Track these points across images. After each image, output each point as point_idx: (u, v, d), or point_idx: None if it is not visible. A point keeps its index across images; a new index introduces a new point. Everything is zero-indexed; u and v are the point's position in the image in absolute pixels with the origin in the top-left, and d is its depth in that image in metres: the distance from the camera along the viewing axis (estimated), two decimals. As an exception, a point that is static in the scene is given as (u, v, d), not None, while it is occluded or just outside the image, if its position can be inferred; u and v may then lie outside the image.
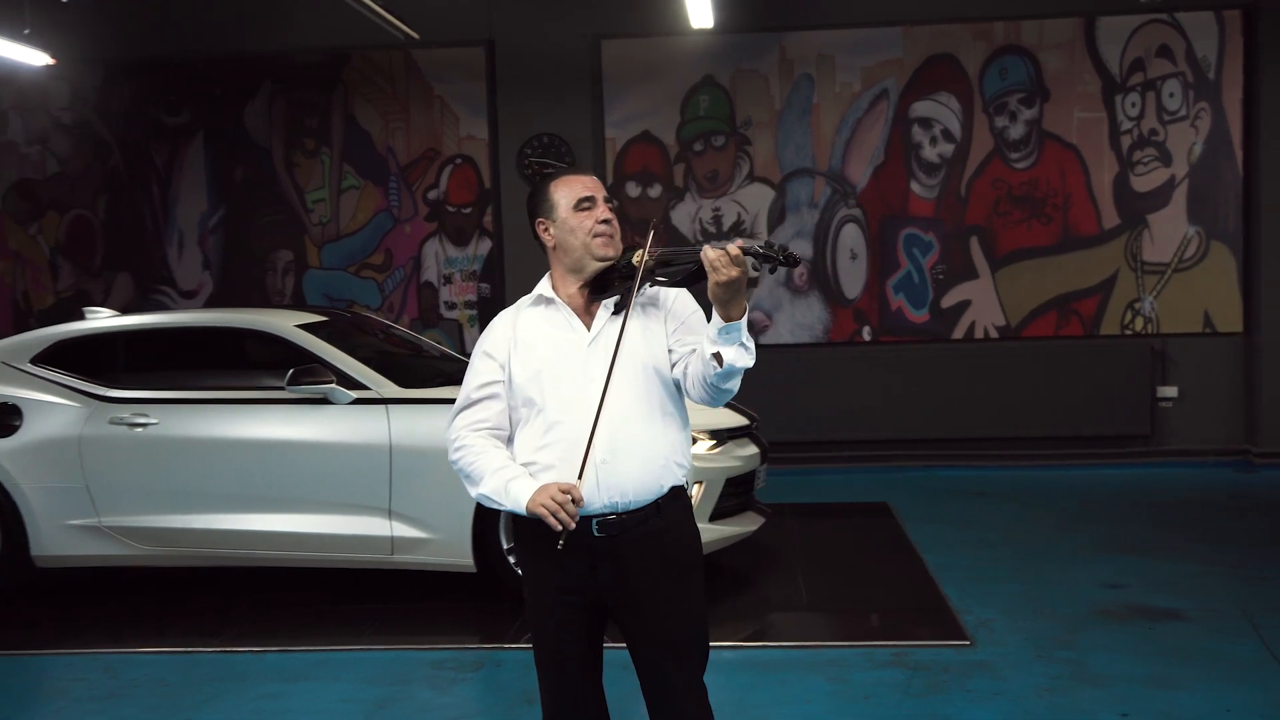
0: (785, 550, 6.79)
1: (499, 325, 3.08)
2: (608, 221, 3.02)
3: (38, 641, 5.52)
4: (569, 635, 2.99)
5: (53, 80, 9.49)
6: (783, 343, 9.25)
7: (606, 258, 3.00)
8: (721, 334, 2.83)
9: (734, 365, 2.84)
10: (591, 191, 3.03)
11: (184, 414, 5.90)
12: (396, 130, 9.41)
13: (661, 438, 2.99)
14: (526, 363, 2.98)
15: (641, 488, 2.95)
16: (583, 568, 2.96)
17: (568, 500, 2.78)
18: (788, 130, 9.18)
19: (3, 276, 9.67)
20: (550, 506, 2.78)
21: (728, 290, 2.79)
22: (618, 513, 2.95)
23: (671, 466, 3.00)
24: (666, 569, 2.99)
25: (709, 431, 6.01)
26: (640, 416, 2.96)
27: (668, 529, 3.00)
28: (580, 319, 3.02)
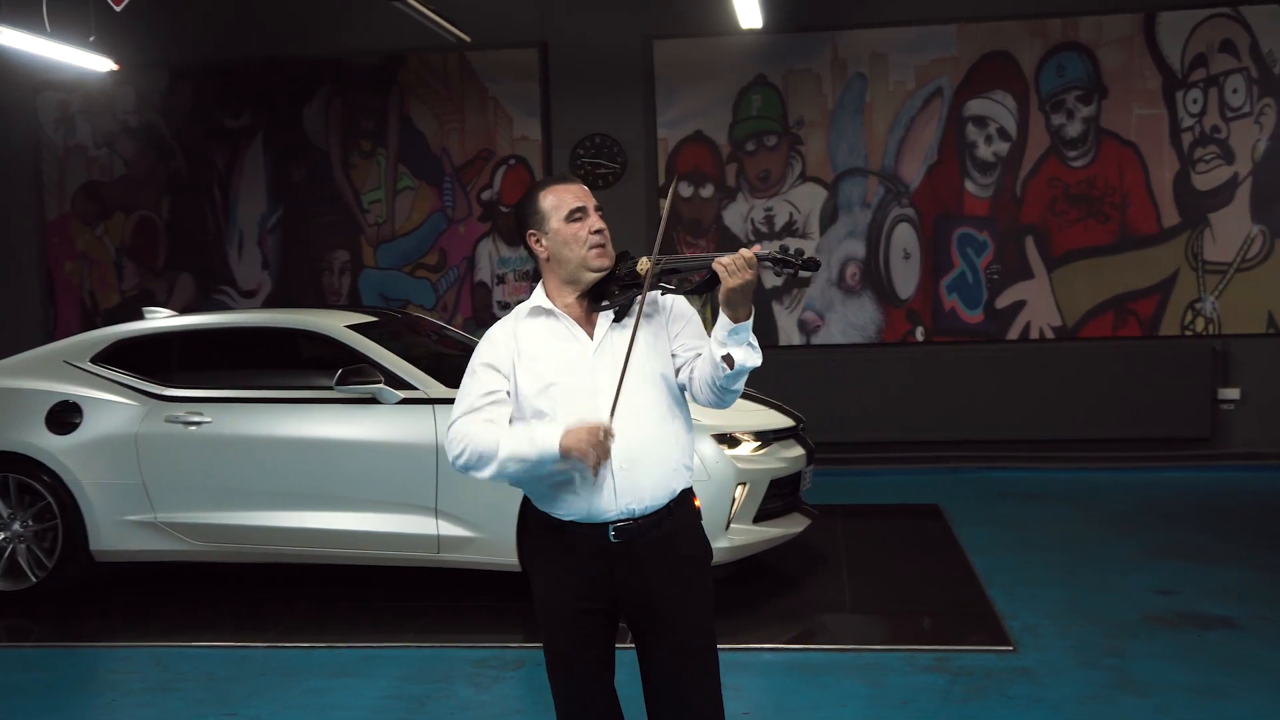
0: (832, 552, 6.77)
1: (499, 336, 3.07)
2: (600, 232, 3.02)
3: (94, 634, 5.66)
4: (582, 641, 3.01)
5: (119, 85, 9.71)
6: (834, 343, 9.21)
7: (602, 268, 3.01)
8: (731, 335, 2.86)
9: (744, 365, 2.87)
10: (582, 201, 3.03)
11: (236, 413, 6.02)
12: (451, 131, 9.51)
13: (672, 442, 3.01)
14: (534, 375, 2.98)
15: (656, 492, 2.97)
16: (599, 572, 2.98)
17: (601, 437, 2.78)
18: (840, 129, 9.14)
19: (71, 277, 9.91)
20: (588, 440, 2.78)
21: (740, 294, 2.82)
22: (634, 518, 2.97)
23: (681, 469, 3.03)
24: (680, 570, 3.01)
25: (754, 433, 6.01)
26: (652, 423, 2.98)
27: (679, 531, 3.02)
28: (581, 328, 3.04)
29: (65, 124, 9.86)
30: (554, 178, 3.11)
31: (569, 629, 3.01)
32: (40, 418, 6.12)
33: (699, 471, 5.63)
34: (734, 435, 5.92)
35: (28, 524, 6.13)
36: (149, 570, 6.55)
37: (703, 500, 5.63)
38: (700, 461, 5.70)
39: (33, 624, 5.89)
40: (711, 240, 9.25)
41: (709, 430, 5.81)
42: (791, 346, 9.25)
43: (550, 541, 3.03)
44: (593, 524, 2.97)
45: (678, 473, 3.00)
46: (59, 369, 6.31)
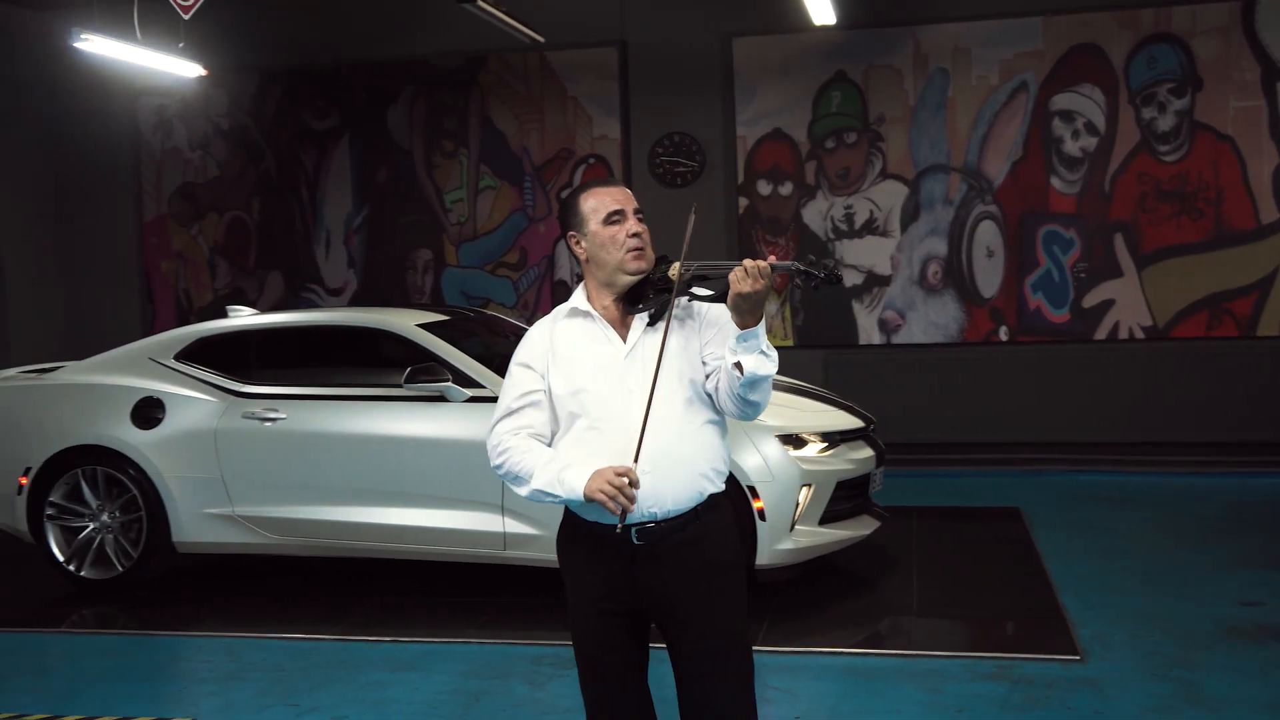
0: (903, 554, 6.68)
1: (536, 337, 3.10)
2: (638, 235, 3.02)
3: (173, 623, 5.83)
4: (608, 642, 3.02)
5: (213, 89, 9.99)
6: (915, 342, 9.08)
7: (639, 272, 3.01)
8: (740, 341, 2.82)
9: (755, 373, 2.83)
10: (621, 204, 3.03)
11: (310, 409, 6.15)
12: (531, 131, 9.59)
13: (701, 448, 3.00)
14: (567, 377, 3.01)
15: (680, 497, 2.96)
16: (622, 575, 2.98)
17: (625, 483, 2.79)
18: (921, 126, 9.01)
19: (167, 276, 10.23)
20: (609, 491, 2.78)
21: (747, 301, 2.79)
22: (657, 521, 2.97)
23: (710, 475, 3.01)
24: (705, 574, 2.99)
25: (820, 434, 5.95)
26: (680, 428, 2.97)
27: (706, 535, 3.01)
28: (616, 331, 3.04)
29: (162, 128, 10.17)
30: (597, 180, 3.13)
31: (594, 630, 3.03)
32: (126, 413, 6.33)
33: (763, 472, 5.63)
34: (800, 436, 5.87)
35: (115, 515, 6.34)
36: (230, 562, 6.73)
37: (767, 501, 5.65)
38: (764, 462, 5.67)
39: (119, 612, 6.09)
40: (791, 238, 9.20)
41: (774, 431, 5.78)
42: (871, 346, 9.15)
43: (578, 542, 3.05)
44: (627, 525, 2.98)
45: (705, 478, 2.98)
46: (145, 366, 6.51)
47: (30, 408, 6.57)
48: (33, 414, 6.53)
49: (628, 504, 2.79)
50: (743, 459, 5.66)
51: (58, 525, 6.38)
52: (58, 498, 6.36)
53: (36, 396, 6.61)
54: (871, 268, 9.10)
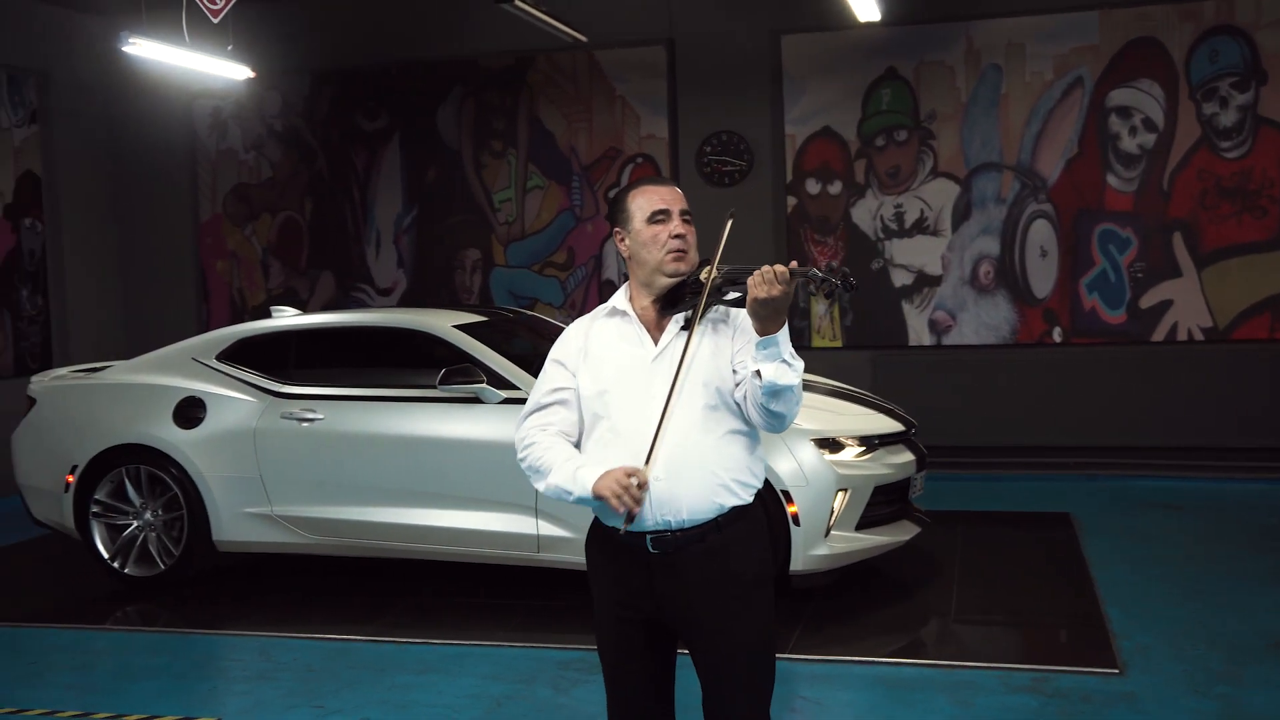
0: (946, 560, 6.56)
1: (572, 334, 3.09)
2: (681, 237, 2.97)
3: (211, 621, 5.90)
4: (628, 650, 2.98)
5: (266, 91, 10.10)
6: (967, 343, 8.92)
7: (677, 274, 2.96)
8: (759, 348, 2.76)
9: (775, 382, 2.75)
10: (668, 204, 2.99)
11: (347, 410, 6.18)
12: (579, 130, 9.57)
13: (721, 458, 2.93)
14: (594, 377, 2.98)
15: (696, 507, 2.91)
16: (639, 583, 2.94)
17: (632, 485, 2.74)
18: (974, 123, 8.84)
19: (222, 275, 10.36)
20: (614, 490, 2.74)
21: (766, 308, 2.72)
22: (671, 530, 2.92)
23: (732, 486, 2.94)
24: (727, 586, 2.93)
25: (858, 438, 5.86)
26: (698, 435, 2.91)
27: (729, 545, 2.94)
28: (651, 333, 3.00)
29: (218, 129, 10.30)
30: (649, 178, 3.09)
31: (614, 637, 2.99)
32: (169, 412, 6.41)
33: (797, 477, 5.55)
34: (837, 440, 5.78)
35: (158, 513, 6.43)
36: (270, 560, 6.79)
37: (801, 506, 5.57)
38: (799, 467, 5.59)
39: (161, 609, 6.17)
40: (840, 238, 9.08)
41: (809, 435, 5.69)
42: (921, 347, 9.00)
43: (602, 548, 3.02)
44: (632, 532, 2.94)
45: (725, 489, 2.91)
46: (188, 366, 6.59)
47: (77, 407, 6.68)
48: (79, 413, 6.64)
49: (633, 505, 2.74)
50: (777, 463, 5.58)
51: (103, 523, 6.47)
52: (103, 496, 6.46)
53: (83, 396, 6.72)
54: (922, 268, 8.96)
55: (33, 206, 9.62)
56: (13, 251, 9.40)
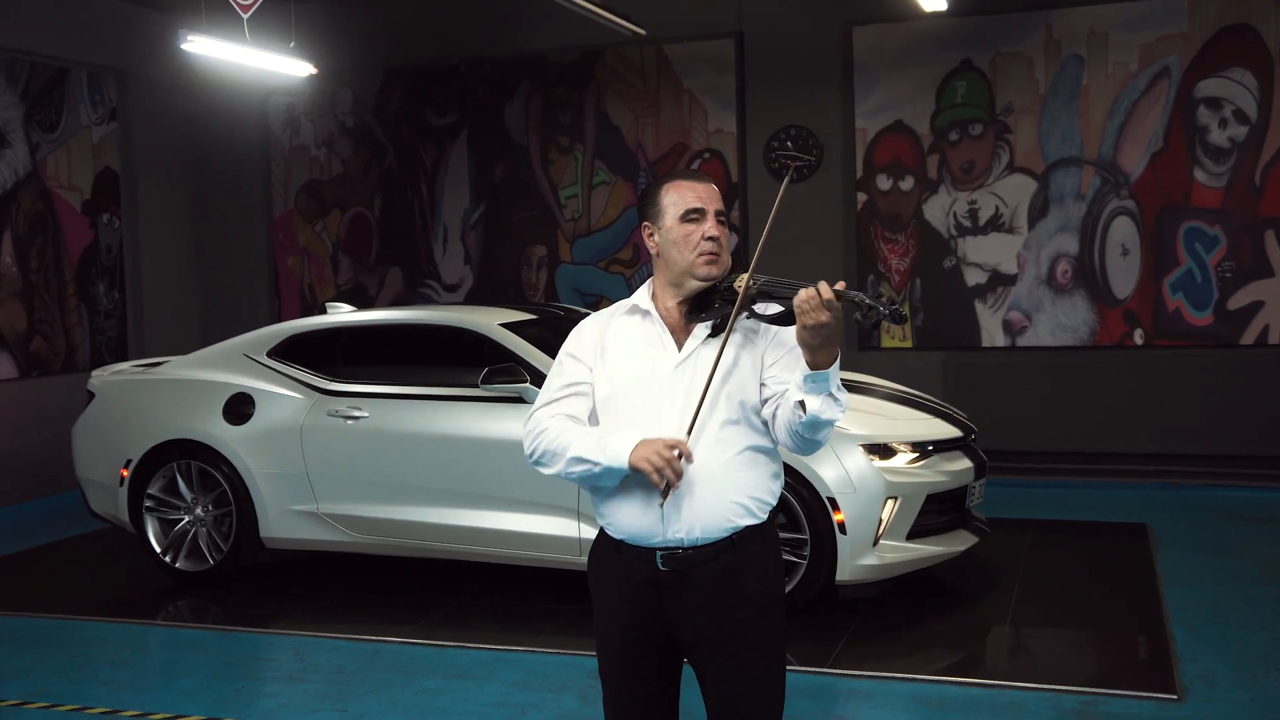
0: (1008, 570, 6.28)
1: (588, 329, 2.93)
2: (715, 239, 2.80)
3: (252, 619, 5.89)
4: (637, 674, 2.85)
5: (339, 88, 10.15)
6: (1043, 345, 8.58)
7: (709, 278, 2.80)
8: (808, 381, 2.58)
9: (818, 417, 2.58)
10: (703, 203, 2.82)
11: (392, 408, 6.12)
12: (646, 125, 9.43)
13: (739, 475, 2.78)
14: (609, 378, 2.83)
15: (709, 525, 2.76)
16: (648, 601, 2.80)
17: (674, 456, 2.59)
18: (1053, 116, 8.49)
19: (293, 270, 10.45)
20: (655, 462, 2.58)
21: (816, 335, 2.52)
22: (683, 547, 2.77)
23: (749, 505, 2.79)
24: (739, 607, 2.79)
25: (910, 443, 5.63)
26: (716, 451, 2.76)
27: (743, 565, 2.79)
28: (675, 336, 2.84)
29: (291, 125, 10.38)
30: (684, 172, 2.92)
31: (620, 660, 2.86)
32: (219, 408, 6.42)
33: (844, 483, 5.36)
34: (888, 445, 5.56)
35: (208, 509, 6.45)
36: (320, 556, 6.78)
37: (848, 514, 5.37)
38: (846, 473, 5.39)
39: (210, 605, 6.19)
40: (911, 235, 8.80)
41: (859, 440, 5.49)
42: (995, 348, 8.69)
43: (608, 562, 2.89)
44: (642, 548, 2.80)
45: (740, 508, 2.76)
46: (239, 362, 6.60)
47: (133, 401, 6.74)
48: (135, 408, 6.70)
49: (674, 478, 2.59)
50: (823, 469, 5.39)
51: (156, 517, 6.52)
52: (155, 490, 6.51)
53: (139, 391, 6.78)
54: (996, 266, 8.64)
55: (110, 203, 9.79)
56: (90, 247, 9.58)
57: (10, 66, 8.82)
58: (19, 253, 8.90)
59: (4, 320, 8.75)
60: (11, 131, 8.87)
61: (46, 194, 9.17)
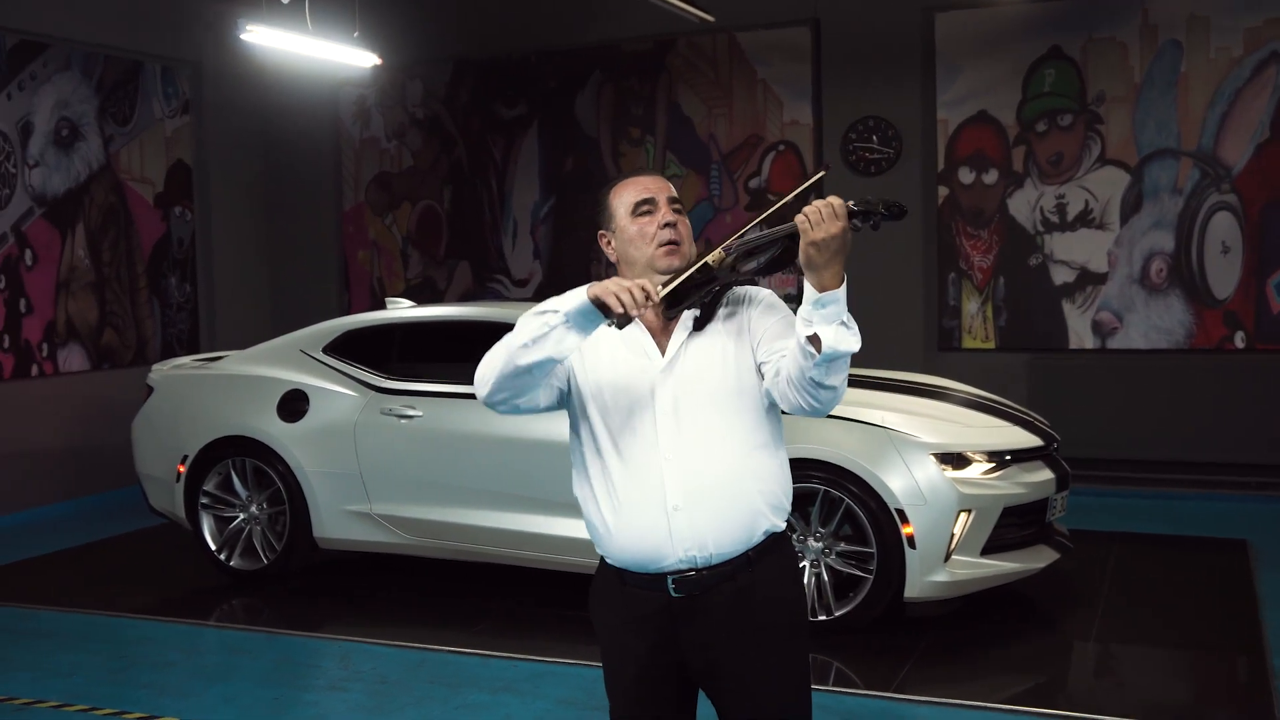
0: (1093, 588, 5.91)
1: None
2: (672, 225, 2.57)
3: (303, 621, 5.76)
4: (648, 707, 2.62)
5: (409, 80, 10.03)
6: (1135, 348, 8.13)
7: (670, 269, 2.55)
8: (816, 307, 2.29)
9: (835, 349, 2.28)
10: (651, 192, 2.60)
11: (446, 408, 5.95)
12: (719, 117, 9.15)
13: (750, 476, 2.53)
14: (594, 373, 2.59)
15: (725, 537, 2.52)
16: (662, 634, 2.57)
17: (638, 287, 2.29)
18: (1148, 105, 8.03)
19: (363, 264, 10.36)
20: (614, 287, 2.30)
21: (823, 251, 2.26)
22: (697, 568, 2.53)
23: (764, 510, 2.55)
24: (760, 634, 2.54)
25: (986, 453, 5.30)
26: (721, 451, 2.52)
27: (762, 584, 2.55)
28: (657, 340, 2.60)
29: (362, 117, 10.29)
30: (630, 171, 2.73)
31: (632, 696, 2.63)
32: (273, 405, 6.31)
33: (913, 494, 5.05)
34: (962, 455, 5.24)
35: (263, 507, 6.34)
36: (375, 559, 6.63)
37: (917, 527, 5.05)
38: (916, 484, 5.09)
39: (263, 605, 6.08)
40: (995, 231, 8.40)
41: (930, 449, 5.17)
42: (1083, 351, 8.25)
43: (611, 593, 2.66)
44: (650, 574, 2.56)
45: (758, 514, 2.53)
46: (295, 358, 6.48)
47: (190, 397, 6.66)
48: (192, 403, 6.62)
49: (634, 305, 2.27)
50: (890, 478, 5.09)
51: (211, 514, 6.43)
52: (211, 487, 6.42)
53: (196, 386, 6.70)
54: (1085, 264, 8.21)
55: (183, 196, 9.79)
56: (162, 240, 9.58)
57: (85, 60, 8.84)
58: (91, 245, 8.91)
59: (75, 312, 8.78)
60: (85, 124, 8.89)
61: (119, 187, 9.18)
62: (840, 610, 5.17)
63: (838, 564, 5.20)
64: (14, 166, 8.31)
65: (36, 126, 8.47)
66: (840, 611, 5.17)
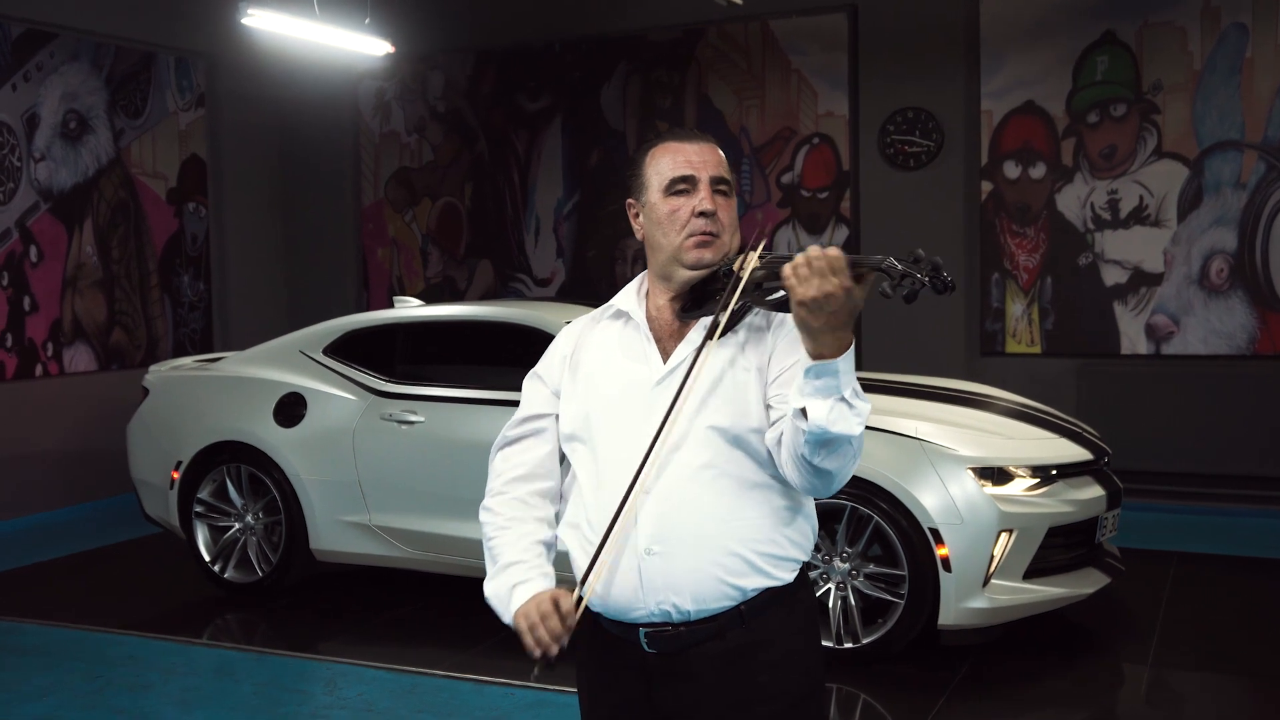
0: (1148, 612, 5.44)
1: (560, 342, 2.34)
2: (709, 215, 2.14)
3: (294, 639, 5.42)
4: None
5: (430, 71, 9.68)
6: (1193, 353, 7.61)
7: (701, 264, 2.14)
8: (807, 376, 1.87)
9: (825, 430, 1.86)
10: (694, 169, 2.16)
11: (449, 413, 5.58)
12: (750, 109, 8.72)
13: (737, 523, 2.10)
14: (580, 398, 2.22)
15: (704, 592, 2.10)
16: (636, 692, 2.18)
17: (551, 614, 2.02)
18: (1209, 94, 7.51)
19: (383, 262, 10.03)
20: (527, 620, 2.05)
21: (816, 314, 1.83)
22: (673, 623, 2.12)
23: (756, 562, 2.11)
24: (756, 704, 2.12)
25: (1030, 467, 4.85)
26: (707, 489, 2.10)
27: (760, 646, 2.12)
28: (663, 344, 2.19)
29: (382, 111, 9.96)
30: (674, 132, 2.26)
31: None
32: (270, 409, 5.96)
33: (949, 513, 4.61)
34: (1003, 469, 4.79)
35: (258, 516, 6.01)
36: (375, 571, 6.26)
37: (953, 549, 4.60)
38: (952, 501, 4.65)
39: (256, 621, 5.75)
40: (1042, 228, 7.92)
41: (968, 462, 4.74)
42: (1137, 356, 7.74)
43: (591, 636, 2.26)
44: (621, 623, 2.17)
45: (748, 566, 2.11)
46: (294, 359, 6.14)
47: (185, 399, 6.34)
48: (187, 406, 6.30)
49: (544, 644, 2.03)
50: (924, 495, 4.65)
51: (206, 523, 6.11)
52: (206, 495, 6.10)
53: (191, 388, 6.38)
54: (1139, 264, 7.70)
55: (197, 191, 9.50)
56: (175, 236, 9.30)
57: (95, 50, 8.56)
58: (100, 242, 8.63)
59: (83, 311, 8.50)
60: (94, 117, 8.61)
61: (130, 181, 8.90)
62: (868, 638, 4.74)
63: (866, 587, 4.77)
64: (19, 160, 8.05)
65: (43, 119, 8.20)
66: (868, 639, 4.74)
